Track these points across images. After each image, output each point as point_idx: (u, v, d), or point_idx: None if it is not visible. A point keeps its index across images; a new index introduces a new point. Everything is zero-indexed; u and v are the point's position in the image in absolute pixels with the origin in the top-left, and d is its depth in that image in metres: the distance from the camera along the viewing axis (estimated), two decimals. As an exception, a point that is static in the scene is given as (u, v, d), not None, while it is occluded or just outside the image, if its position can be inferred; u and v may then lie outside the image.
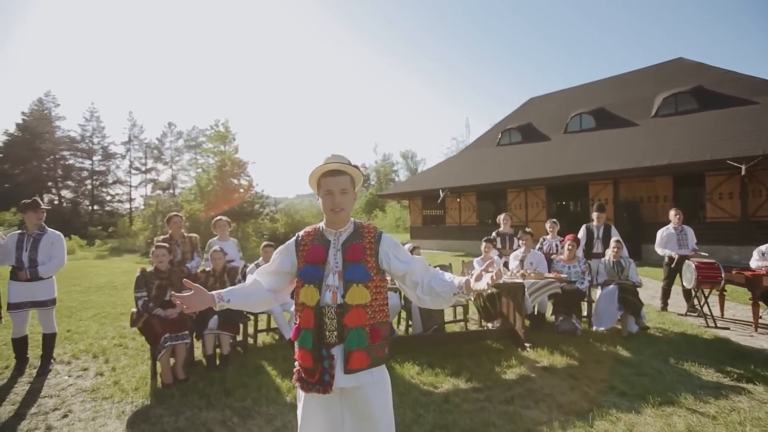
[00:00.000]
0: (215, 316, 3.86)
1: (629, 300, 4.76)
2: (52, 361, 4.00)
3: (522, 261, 5.23)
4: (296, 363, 1.71)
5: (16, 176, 30.27)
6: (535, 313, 5.29)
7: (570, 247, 5.24)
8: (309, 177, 1.78)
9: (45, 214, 3.99)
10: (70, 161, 34.73)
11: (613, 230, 5.78)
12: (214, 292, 1.66)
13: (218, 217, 5.09)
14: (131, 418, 2.98)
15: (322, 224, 1.81)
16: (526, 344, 4.39)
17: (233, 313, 3.81)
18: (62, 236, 4.10)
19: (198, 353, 4.17)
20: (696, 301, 5.65)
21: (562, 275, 4.99)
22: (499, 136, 21.16)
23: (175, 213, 4.86)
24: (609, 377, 3.58)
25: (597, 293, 5.23)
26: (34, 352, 4.19)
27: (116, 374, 3.82)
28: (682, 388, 3.34)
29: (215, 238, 4.96)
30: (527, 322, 5.26)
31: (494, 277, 1.64)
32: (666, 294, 6.20)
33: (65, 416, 3.04)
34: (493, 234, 6.19)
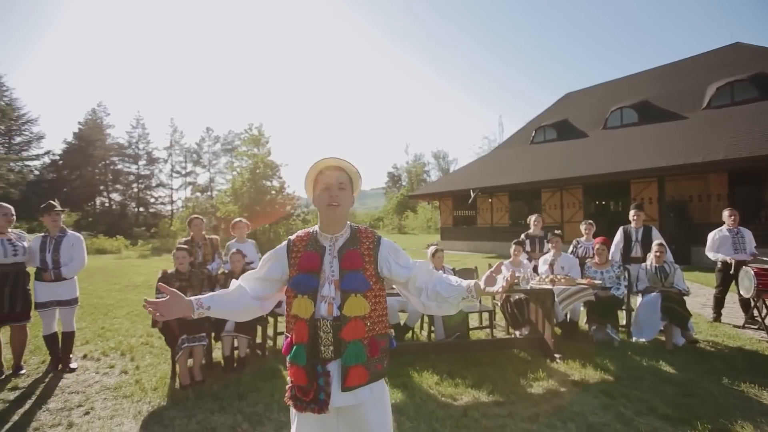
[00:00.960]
0: (232, 318, 3.86)
1: (674, 309, 4.32)
2: (71, 357, 4.14)
3: (552, 265, 4.90)
4: (289, 380, 1.59)
5: (73, 181, 32.73)
6: (567, 320, 4.93)
7: (600, 250, 4.84)
8: (305, 176, 1.65)
9: (61, 216, 4.12)
10: (119, 166, 37.14)
11: (655, 232, 5.28)
12: (193, 298, 1.54)
13: (237, 219, 5.12)
14: (146, 419, 3.00)
15: (316, 228, 1.68)
16: (556, 355, 4.08)
17: (250, 316, 3.79)
18: (82, 238, 4.25)
19: (218, 354, 4.19)
20: (755, 312, 5.06)
21: (596, 281, 4.62)
22: (533, 134, 20.38)
23: (196, 215, 4.94)
24: (649, 396, 3.23)
25: (637, 301, 4.81)
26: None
27: (139, 373, 3.90)
28: (738, 413, 2.94)
29: (233, 240, 4.99)
30: (558, 331, 4.93)
31: (509, 280, 1.51)
32: (719, 303, 5.61)
33: (87, 413, 3.12)
34: (522, 236, 5.86)
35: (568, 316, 4.93)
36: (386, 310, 1.66)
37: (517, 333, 4.83)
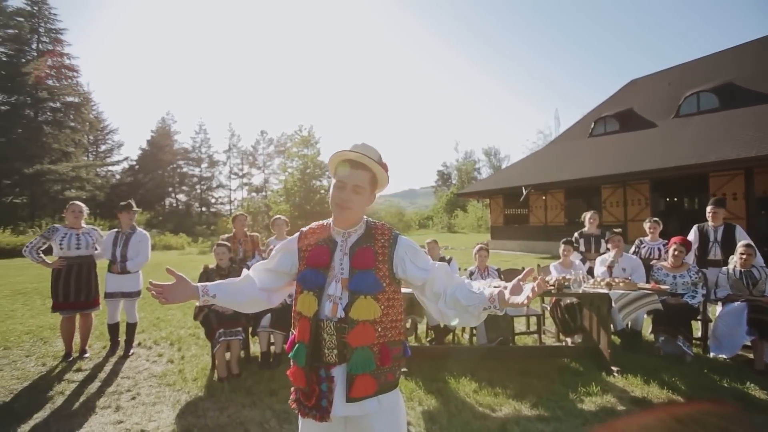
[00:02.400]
0: (268, 314, 3.90)
1: (765, 322, 3.67)
2: (132, 345, 4.44)
3: (610, 267, 4.40)
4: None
5: (146, 183, 36.15)
6: (628, 329, 4.41)
7: (677, 252, 4.24)
8: (329, 159, 1.50)
9: (136, 215, 4.49)
10: (185, 169, 40.40)
11: (739, 231, 4.53)
12: (199, 284, 1.50)
13: (276, 216, 5.20)
14: (183, 408, 3.10)
15: (330, 221, 1.56)
16: (613, 368, 3.64)
17: (286, 311, 3.79)
18: (148, 235, 4.56)
19: (256, 349, 4.27)
20: None
21: (664, 286, 4.06)
22: (592, 126, 18.91)
23: (240, 213, 5.08)
24: (730, 425, 2.74)
25: (716, 310, 4.16)
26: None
27: (183, 363, 4.08)
28: None
29: (273, 237, 5.07)
30: (616, 341, 4.43)
31: (536, 289, 1.30)
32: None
33: (133, 398, 3.30)
34: (575, 235, 5.36)
35: (629, 325, 4.41)
36: (402, 315, 1.50)
37: (569, 340, 4.41)
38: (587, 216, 5.29)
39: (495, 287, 1.42)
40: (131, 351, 4.36)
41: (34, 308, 6.68)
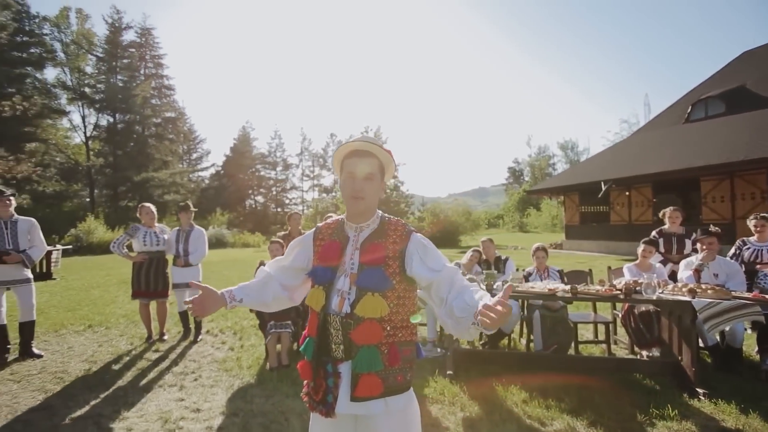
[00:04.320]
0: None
1: None
2: (200, 332, 4.88)
3: (698, 271, 3.76)
4: None
5: (229, 187, 39.82)
6: (722, 345, 3.73)
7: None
8: (333, 157, 1.52)
9: (193, 214, 4.95)
10: (262, 173, 43.72)
11: None
12: (225, 291, 1.52)
13: (293, 212, 5.36)
14: (234, 393, 3.31)
15: (344, 216, 1.54)
16: (699, 390, 3.10)
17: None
18: (204, 231, 5.01)
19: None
20: None
21: (770, 295, 3.35)
22: (689, 110, 16.52)
23: (296, 211, 5.33)
24: None
25: None
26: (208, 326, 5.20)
27: (242, 351, 4.37)
28: None
29: (285, 233, 5.23)
30: (707, 358, 3.79)
31: (500, 309, 1.10)
32: None
33: (196, 380, 3.62)
34: (653, 234, 4.68)
35: (724, 340, 3.73)
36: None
37: (644, 353, 3.87)
38: (667, 212, 4.60)
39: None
40: (200, 337, 4.80)
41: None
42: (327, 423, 1.40)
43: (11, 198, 4.14)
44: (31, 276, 4.21)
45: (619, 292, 3.37)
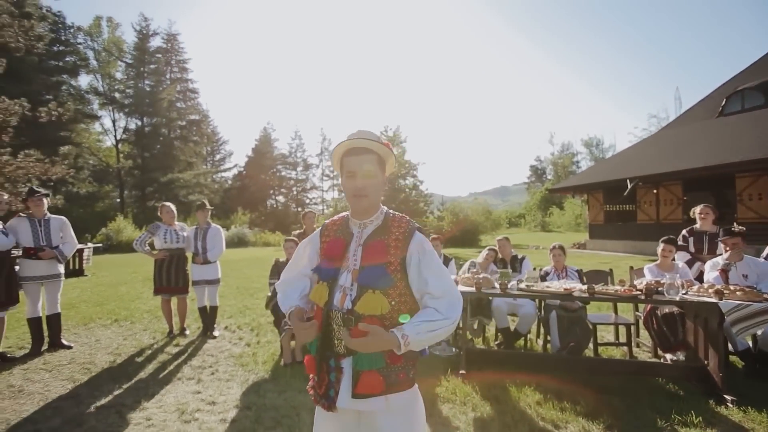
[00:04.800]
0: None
1: None
2: (215, 327, 5.00)
3: (725, 271, 3.57)
4: None
5: (251, 187, 40.66)
6: (754, 350, 3.53)
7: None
8: (332, 156, 1.53)
9: (210, 212, 5.08)
10: (283, 173, 44.42)
11: None
12: (294, 310, 1.45)
13: (307, 210, 5.39)
14: (248, 387, 3.38)
15: (349, 213, 1.54)
16: (727, 396, 2.95)
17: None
18: (221, 229, 5.12)
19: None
20: None
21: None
22: (723, 103, 15.74)
23: (310, 210, 5.38)
24: None
25: None
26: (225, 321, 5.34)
27: (258, 347, 4.45)
28: None
29: (300, 231, 5.25)
30: (738, 363, 3.60)
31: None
32: None
33: (213, 373, 3.72)
34: (684, 233, 4.49)
35: (757, 345, 3.53)
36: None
37: (668, 357, 3.71)
38: (697, 210, 4.39)
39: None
40: (216, 332, 4.92)
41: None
42: (331, 416, 1.42)
43: (44, 198, 4.36)
44: (62, 272, 4.44)
45: (639, 292, 3.25)
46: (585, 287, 3.43)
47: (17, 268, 4.22)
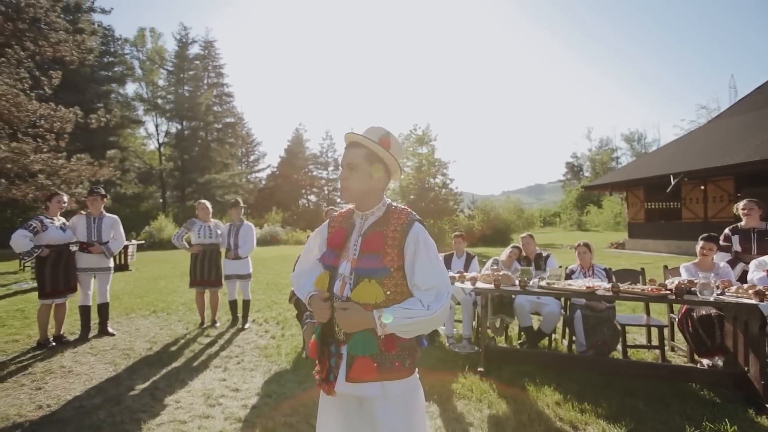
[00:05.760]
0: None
1: None
2: (247, 320, 5.20)
3: (770, 271, 3.31)
4: None
5: (284, 186, 41.80)
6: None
7: None
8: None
9: (243, 210, 5.30)
10: (314, 173, 45.38)
11: None
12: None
13: (329, 207, 5.46)
14: (270, 377, 3.52)
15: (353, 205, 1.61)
16: (768, 404, 2.74)
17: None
18: (253, 226, 5.33)
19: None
20: None
21: None
22: (781, 91, 14.47)
23: (331, 207, 5.49)
24: None
25: None
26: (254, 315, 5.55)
27: (282, 340, 4.61)
28: None
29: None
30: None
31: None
32: None
33: (239, 363, 3.89)
34: (727, 231, 4.20)
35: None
36: None
37: (704, 362, 3.48)
38: (739, 206, 4.09)
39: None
40: (247, 325, 5.12)
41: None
42: (334, 402, 1.48)
43: (99, 197, 4.70)
44: (112, 266, 4.84)
45: (669, 292, 3.08)
46: (609, 285, 3.29)
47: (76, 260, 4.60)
